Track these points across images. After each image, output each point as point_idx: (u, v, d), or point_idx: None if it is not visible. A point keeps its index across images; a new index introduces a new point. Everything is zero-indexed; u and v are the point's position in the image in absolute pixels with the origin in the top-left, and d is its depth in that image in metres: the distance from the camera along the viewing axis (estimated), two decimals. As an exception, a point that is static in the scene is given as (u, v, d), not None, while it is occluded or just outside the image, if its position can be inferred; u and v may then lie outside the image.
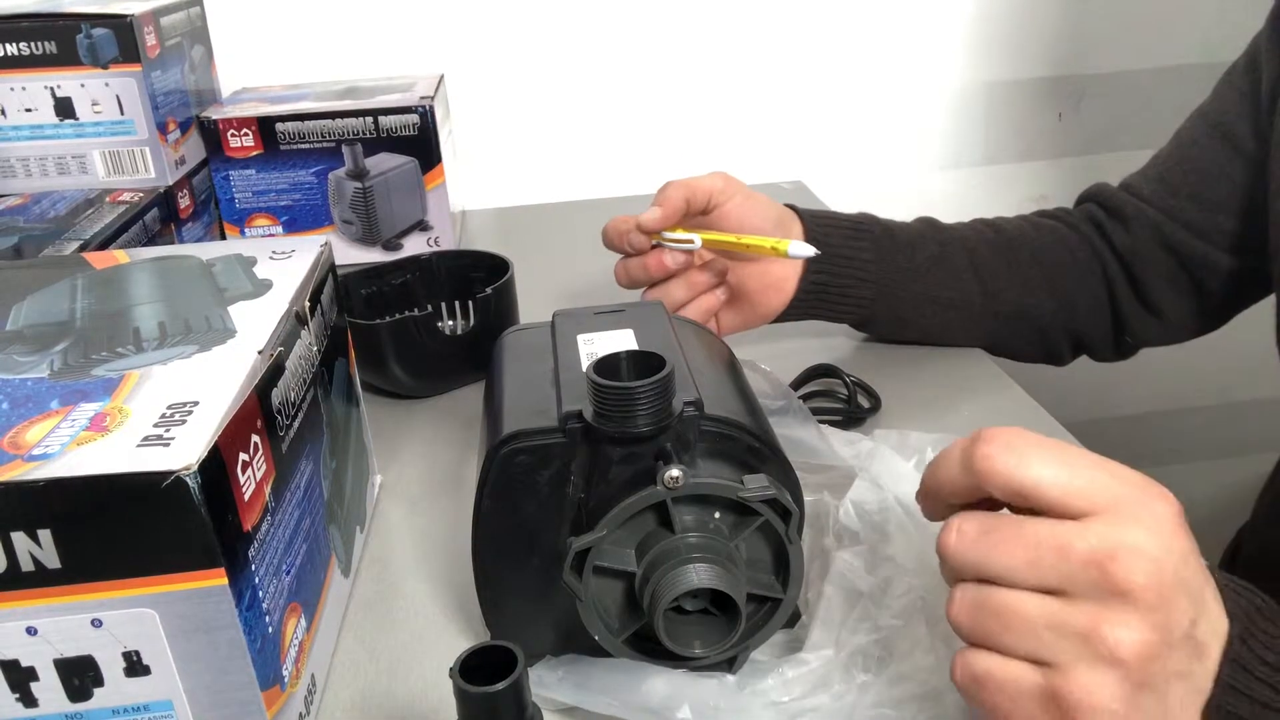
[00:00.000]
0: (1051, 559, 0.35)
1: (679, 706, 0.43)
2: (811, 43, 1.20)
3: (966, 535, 0.37)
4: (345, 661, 0.51)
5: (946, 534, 0.37)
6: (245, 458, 0.40)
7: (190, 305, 0.49)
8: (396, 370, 0.73)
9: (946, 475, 0.38)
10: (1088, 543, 0.34)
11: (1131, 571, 0.34)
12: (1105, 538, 0.34)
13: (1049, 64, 1.26)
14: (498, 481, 0.45)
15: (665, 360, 0.43)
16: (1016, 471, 0.36)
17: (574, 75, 1.17)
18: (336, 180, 0.94)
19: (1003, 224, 0.80)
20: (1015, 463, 0.36)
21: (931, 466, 0.39)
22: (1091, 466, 0.36)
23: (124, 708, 0.39)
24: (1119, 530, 0.35)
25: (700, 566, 0.42)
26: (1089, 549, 0.34)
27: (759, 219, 0.71)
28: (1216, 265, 0.75)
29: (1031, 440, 0.36)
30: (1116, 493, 0.35)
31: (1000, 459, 0.36)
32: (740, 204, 0.71)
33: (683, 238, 0.70)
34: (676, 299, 0.72)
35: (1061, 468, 0.35)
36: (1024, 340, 0.79)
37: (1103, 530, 0.35)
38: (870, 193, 1.27)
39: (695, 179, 0.71)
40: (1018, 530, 0.36)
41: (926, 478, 0.40)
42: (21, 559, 0.36)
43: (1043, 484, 0.35)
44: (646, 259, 0.72)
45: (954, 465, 0.38)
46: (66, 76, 0.83)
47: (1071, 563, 0.34)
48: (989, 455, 0.36)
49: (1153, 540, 0.35)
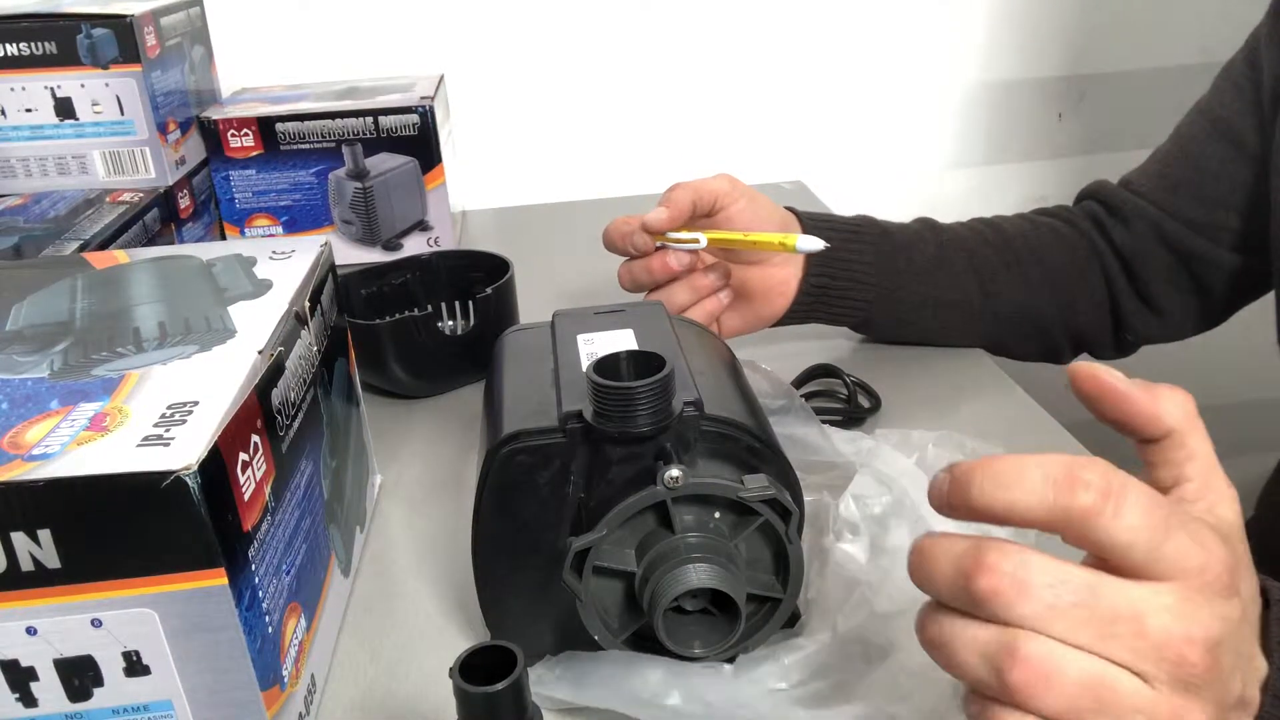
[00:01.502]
0: (1127, 635, 0.31)
1: (672, 694, 0.43)
2: (811, 43, 1.20)
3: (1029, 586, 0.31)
4: (345, 661, 0.51)
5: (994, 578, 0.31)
6: (245, 458, 0.40)
7: (190, 305, 0.49)
8: (396, 370, 0.73)
9: (1022, 502, 0.32)
10: (1163, 621, 0.31)
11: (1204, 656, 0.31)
12: (1179, 616, 0.31)
13: (1049, 64, 1.26)
14: (498, 481, 0.45)
15: (665, 360, 0.43)
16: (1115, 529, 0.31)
17: (574, 75, 1.17)
18: (336, 180, 0.94)
19: (1002, 223, 0.80)
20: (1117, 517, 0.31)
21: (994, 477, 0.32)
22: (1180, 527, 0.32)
23: (124, 708, 0.39)
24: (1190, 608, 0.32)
25: (700, 566, 0.42)
26: (1164, 629, 0.31)
27: (764, 222, 0.70)
28: (1217, 262, 0.75)
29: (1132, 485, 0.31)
30: (1198, 561, 0.32)
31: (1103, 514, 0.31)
32: (745, 207, 0.70)
33: (687, 237, 0.70)
34: (680, 302, 0.72)
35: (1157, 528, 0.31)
36: (1024, 339, 0.79)
37: (1175, 606, 0.31)
38: (870, 193, 1.27)
39: (701, 181, 0.71)
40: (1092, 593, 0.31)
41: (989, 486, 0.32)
42: (21, 559, 0.36)
43: (1137, 546, 0.31)
44: (650, 261, 0.71)
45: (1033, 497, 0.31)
46: (66, 76, 0.83)
47: (1147, 643, 0.31)
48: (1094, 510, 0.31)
49: (1218, 617, 0.32)
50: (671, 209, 0.69)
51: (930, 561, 0.33)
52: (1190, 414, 0.35)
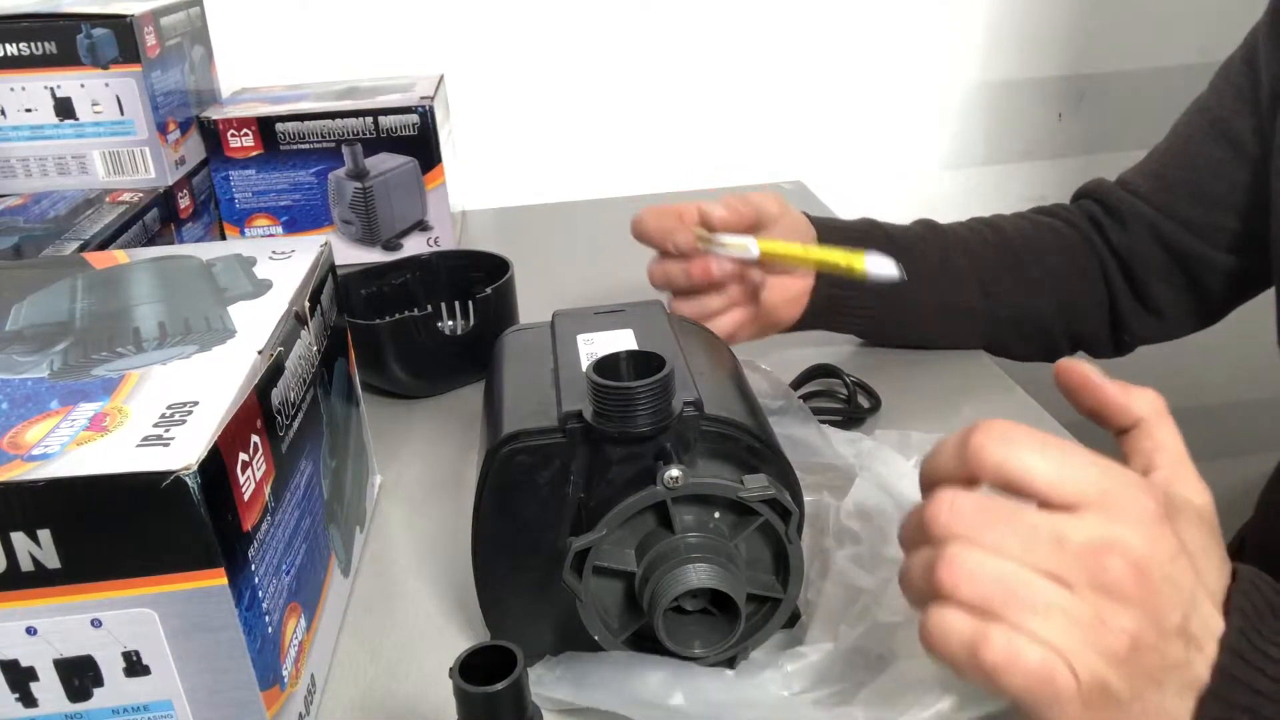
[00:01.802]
0: (1047, 547, 0.35)
1: (674, 696, 0.44)
2: (811, 43, 1.20)
3: (961, 509, 0.36)
4: (345, 661, 0.51)
5: (937, 506, 0.37)
6: (245, 458, 0.40)
7: (190, 305, 0.49)
8: (396, 370, 0.73)
9: (943, 462, 0.39)
10: (1081, 535, 0.35)
11: (1124, 567, 0.35)
12: (1096, 530, 0.35)
13: (1049, 64, 1.26)
14: (498, 481, 0.45)
15: (665, 360, 0.43)
16: (1008, 461, 0.36)
17: (574, 75, 1.17)
18: (336, 180, 0.94)
19: (1001, 223, 0.79)
20: (1007, 452, 0.36)
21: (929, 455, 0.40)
22: (1082, 460, 0.37)
23: (124, 708, 0.39)
24: (1109, 526, 0.35)
25: (700, 566, 0.42)
26: (1083, 540, 0.35)
27: (798, 236, 0.69)
28: (1213, 262, 0.75)
29: (1024, 431, 0.37)
30: (1105, 486, 0.36)
31: (993, 448, 0.37)
32: (786, 225, 0.68)
33: (736, 242, 0.65)
34: (711, 309, 0.68)
35: (1053, 459, 0.36)
36: (1024, 340, 0.79)
37: (1094, 523, 0.35)
38: (870, 193, 1.27)
39: (757, 197, 0.67)
40: (1013, 512, 0.36)
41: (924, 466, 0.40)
42: (21, 559, 0.36)
43: (1033, 473, 0.36)
44: (693, 265, 0.66)
45: (949, 453, 0.38)
46: (66, 76, 0.83)
47: (1066, 554, 0.35)
48: (983, 444, 0.37)
49: (1140, 536, 0.35)
50: (730, 210, 0.65)
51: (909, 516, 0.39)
52: (1159, 409, 0.41)
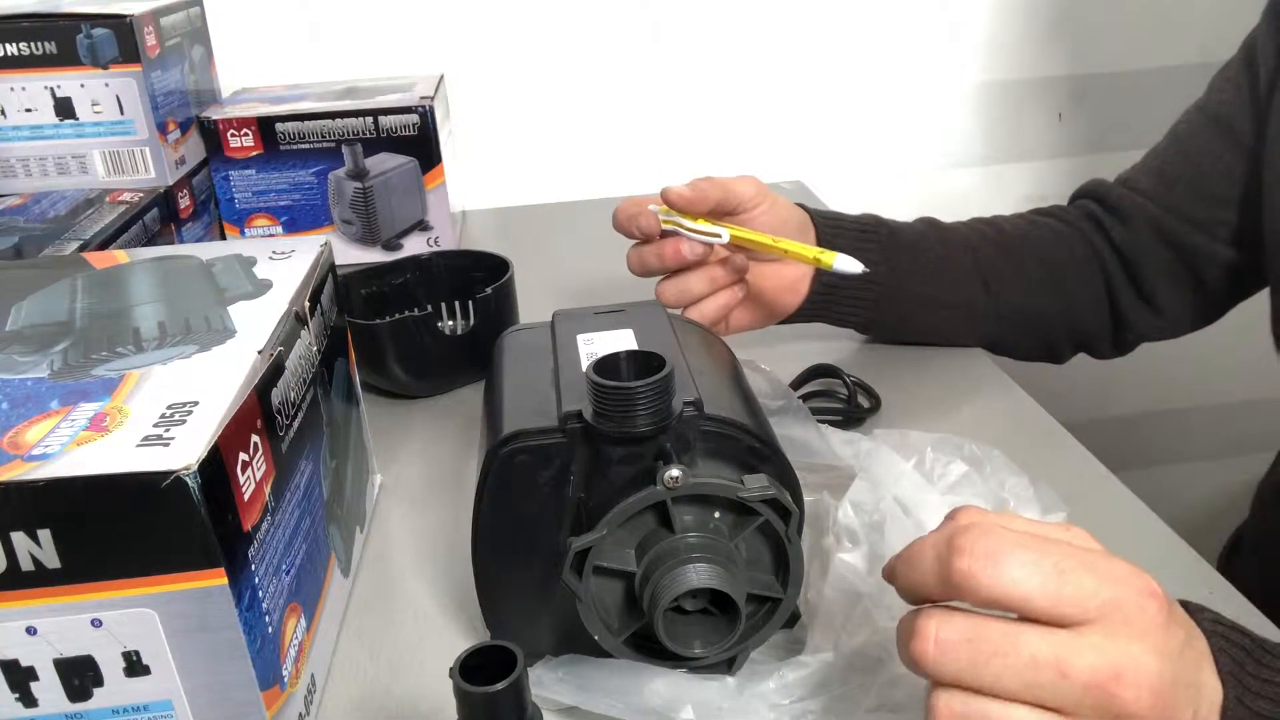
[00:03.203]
0: (1050, 678, 0.33)
1: (681, 708, 0.43)
2: (811, 43, 1.20)
3: (949, 645, 0.33)
4: (345, 661, 0.51)
5: (921, 643, 0.34)
6: (245, 458, 0.40)
7: (190, 305, 0.49)
8: (396, 370, 0.73)
9: (920, 581, 0.36)
10: (1087, 661, 0.33)
11: (1138, 691, 0.33)
12: (1105, 654, 0.33)
13: (1049, 64, 1.26)
14: (498, 481, 0.45)
15: (665, 360, 0.43)
16: (999, 584, 0.33)
17: (574, 75, 1.17)
18: (336, 180, 0.94)
19: (1003, 223, 0.79)
20: (997, 575, 0.33)
21: (903, 566, 0.37)
22: (1078, 569, 0.34)
23: (124, 708, 0.39)
24: (1117, 644, 0.33)
25: (700, 566, 0.42)
26: (1090, 668, 0.33)
27: (783, 224, 0.69)
28: (1215, 258, 0.75)
29: (1009, 540, 0.34)
30: (1105, 596, 0.33)
31: (983, 575, 0.33)
32: (767, 210, 0.68)
33: (709, 230, 0.67)
34: (695, 292, 0.69)
35: (1047, 572, 0.33)
36: (1025, 339, 0.79)
37: (1100, 644, 0.33)
38: (870, 193, 1.27)
39: (730, 180, 0.68)
40: (1009, 640, 0.33)
41: (901, 577, 0.37)
42: (21, 559, 0.36)
43: (1030, 595, 0.33)
44: (662, 246, 0.68)
45: (929, 574, 0.35)
46: (66, 76, 0.83)
47: (1072, 684, 0.33)
48: (970, 572, 0.33)
49: (1151, 650, 0.33)
50: (694, 191, 0.66)
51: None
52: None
